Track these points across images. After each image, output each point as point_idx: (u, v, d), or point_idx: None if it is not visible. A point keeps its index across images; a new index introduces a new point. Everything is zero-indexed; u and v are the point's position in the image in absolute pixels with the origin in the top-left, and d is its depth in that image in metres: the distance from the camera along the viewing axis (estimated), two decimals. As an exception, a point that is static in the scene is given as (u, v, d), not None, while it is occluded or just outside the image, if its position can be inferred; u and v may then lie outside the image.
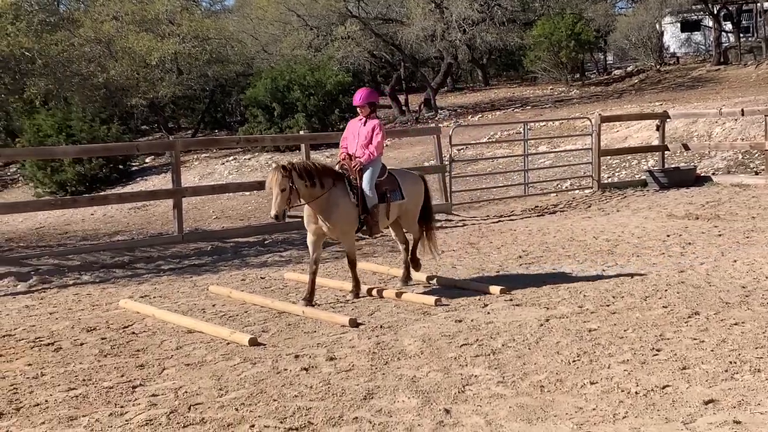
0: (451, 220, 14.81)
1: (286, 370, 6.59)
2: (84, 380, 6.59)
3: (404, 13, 32.76)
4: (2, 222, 18.86)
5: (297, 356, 6.96)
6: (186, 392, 6.16)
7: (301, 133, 20.56)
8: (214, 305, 9.16)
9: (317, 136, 19.97)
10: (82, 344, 7.77)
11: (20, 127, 26.04)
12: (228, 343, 7.48)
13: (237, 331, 7.74)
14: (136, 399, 6.08)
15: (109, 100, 27.44)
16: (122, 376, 6.67)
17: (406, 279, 9.69)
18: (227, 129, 33.66)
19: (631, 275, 9.52)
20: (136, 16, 28.61)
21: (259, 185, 15.96)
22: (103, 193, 21.97)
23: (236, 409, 5.72)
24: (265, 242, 13.30)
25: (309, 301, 8.75)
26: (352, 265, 9.16)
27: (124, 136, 26.02)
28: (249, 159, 26.07)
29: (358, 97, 9.33)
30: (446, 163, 15.75)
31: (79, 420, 5.68)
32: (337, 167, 9.13)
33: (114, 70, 26.06)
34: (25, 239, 16.55)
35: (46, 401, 6.12)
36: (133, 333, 8.12)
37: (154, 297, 9.76)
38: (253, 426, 5.38)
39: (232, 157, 26.27)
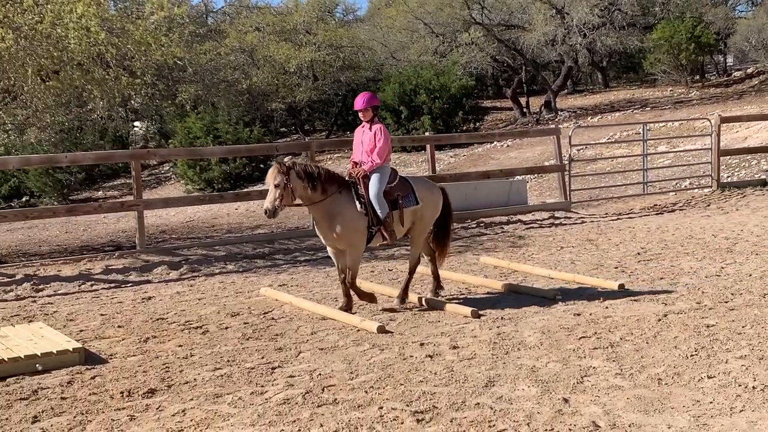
0: (570, 218, 14.57)
1: (411, 356, 6.63)
2: (228, 361, 6.80)
3: (526, 19, 32.36)
4: (157, 215, 19.61)
5: (422, 344, 6.99)
6: (320, 374, 6.27)
7: (427, 134, 20.58)
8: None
9: (442, 137, 19.97)
10: (226, 328, 8.01)
11: (172, 130, 27.00)
12: (358, 330, 7.58)
13: (366, 319, 7.83)
14: (274, 379, 6.23)
15: (251, 104, 28.15)
16: (263, 358, 6.85)
17: (436, 289, 8.79)
18: (358, 131, 34.02)
19: (750, 273, 9.16)
20: (277, 27, 29.24)
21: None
22: (246, 189, 22.54)
23: (366, 392, 5.80)
24: (393, 237, 13.38)
25: (347, 308, 8.24)
26: (352, 281, 8.28)
27: (264, 138, 26.65)
28: (378, 159, 26.25)
29: (360, 101, 8.44)
30: (565, 162, 15.50)
31: (224, 397, 5.86)
32: (346, 176, 8.42)
33: (256, 77, 26.70)
34: (177, 231, 17.18)
35: (195, 379, 6.34)
36: (273, 319, 8.32)
37: (292, 286, 9.97)
38: (381, 408, 5.44)
39: (362, 157, 26.50)
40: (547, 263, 10.47)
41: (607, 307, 7.96)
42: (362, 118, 8.52)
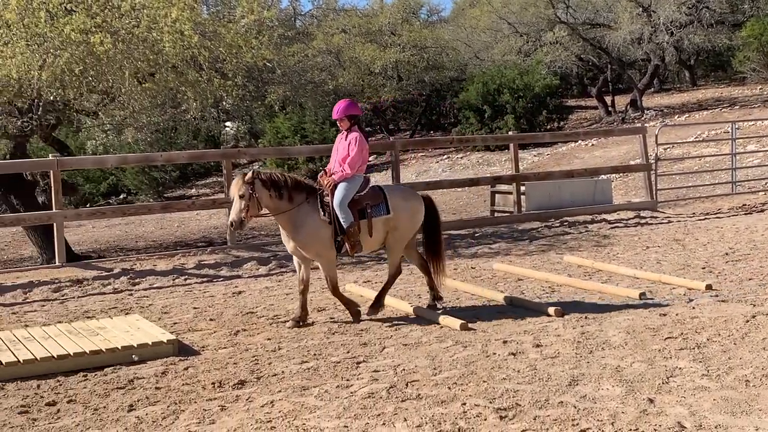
0: (656, 217, 14.26)
1: (494, 354, 6.58)
2: (315, 355, 6.87)
3: (612, 18, 31.74)
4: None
5: (505, 342, 6.94)
6: (404, 370, 6.29)
7: (510, 133, 20.41)
8: (428, 292, 9.26)
9: (525, 137, 19.77)
10: (313, 323, 8.10)
11: (262, 130, 27.43)
12: (441, 327, 7.57)
13: (449, 316, 7.81)
14: (359, 374, 6.27)
15: (337, 104, 28.43)
16: (348, 352, 6.90)
17: (433, 300, 8.39)
18: (441, 130, 33.94)
19: (844, 275, 8.81)
20: (362, 29, 29.39)
21: (471, 182, 16.04)
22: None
23: (449, 388, 5.78)
24: (476, 235, 13.32)
25: (298, 322, 7.96)
26: (334, 290, 8.09)
27: (350, 137, 26.86)
28: (461, 158, 26.19)
29: (336, 110, 8.16)
30: (652, 161, 15.17)
31: (311, 390, 5.92)
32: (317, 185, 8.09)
33: (342, 78, 26.89)
34: (266, 228, 17.42)
35: (283, 372, 6.43)
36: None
37: (376, 282, 10.00)
38: (464, 404, 5.42)
39: (445, 156, 26.49)
40: (633, 263, 10.27)
41: (693, 308, 7.77)
42: (340, 127, 8.25)
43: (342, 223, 7.81)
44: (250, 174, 7.72)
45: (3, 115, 12.62)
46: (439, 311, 8.13)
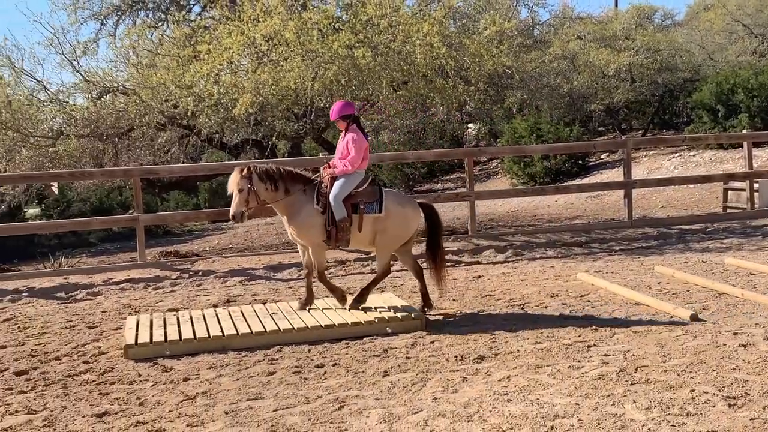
0: None
1: (724, 345, 6.18)
2: (548, 336, 6.80)
3: None
4: (485, 205, 20.02)
5: (735, 333, 6.49)
6: (633, 355, 6.07)
7: (744, 131, 18.94)
8: (659, 283, 8.88)
9: (759, 135, 18.26)
10: (546, 307, 8.01)
11: (501, 130, 27.38)
12: (671, 317, 7.22)
13: (679, 306, 7.43)
14: (590, 356, 6.13)
15: (571, 106, 27.71)
16: (579, 336, 6.76)
17: (423, 307, 7.87)
18: (673, 129, 32.14)
19: None
20: (597, 35, 28.47)
21: (702, 179, 15.11)
22: (565, 183, 22.26)
23: (678, 374, 5.51)
24: (707, 230, 12.53)
25: (305, 304, 7.82)
26: (320, 276, 7.75)
27: (583, 136, 26.12)
28: (693, 155, 24.66)
29: (332, 112, 7.85)
30: None
31: (544, 369, 5.87)
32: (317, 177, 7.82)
33: (576, 81, 26.23)
34: (503, 219, 17.43)
35: (518, 350, 6.42)
36: (589, 301, 8.18)
37: (606, 272, 9.72)
38: (693, 390, 5.14)
39: (677, 154, 25.05)
40: None
41: None
42: (339, 128, 7.98)
43: (335, 215, 7.53)
44: (246, 169, 7.57)
45: (283, 120, 13.52)
46: (669, 303, 7.74)
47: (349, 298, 7.89)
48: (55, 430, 5.09)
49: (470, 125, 31.10)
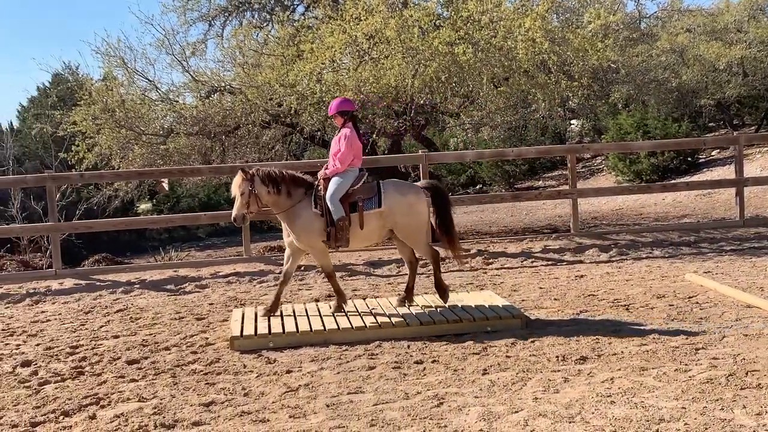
0: None
1: None
2: (654, 338, 6.60)
3: None
4: (589, 203, 19.62)
5: None
6: (744, 359, 5.82)
7: None
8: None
9: None
10: (652, 308, 7.78)
11: (605, 126, 26.74)
12: (786, 321, 6.89)
13: (796, 310, 7.09)
14: (698, 359, 5.92)
15: (680, 101, 26.79)
16: (686, 338, 6.54)
17: (403, 301, 7.88)
18: (790, 124, 30.63)
19: None
20: (707, 27, 27.43)
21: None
22: (672, 181, 21.56)
23: (793, 381, 5.26)
24: (827, 230, 11.90)
25: (270, 311, 7.66)
26: (329, 278, 7.78)
27: (692, 132, 25.22)
28: (812, 152, 23.40)
29: (330, 107, 7.83)
30: None
31: (649, 371, 5.70)
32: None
33: (685, 76, 25.34)
34: (607, 218, 17.04)
35: (622, 352, 6.26)
36: (697, 303, 7.91)
37: (716, 273, 9.37)
38: (810, 399, 4.90)
39: (794, 150, 23.83)
40: None
41: None
42: (335, 124, 7.92)
43: (332, 215, 7.46)
44: (249, 171, 7.55)
45: (383, 116, 13.60)
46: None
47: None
48: (164, 417, 5.30)
49: (573, 121, 30.49)
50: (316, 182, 7.70)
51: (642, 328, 6.99)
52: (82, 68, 28.64)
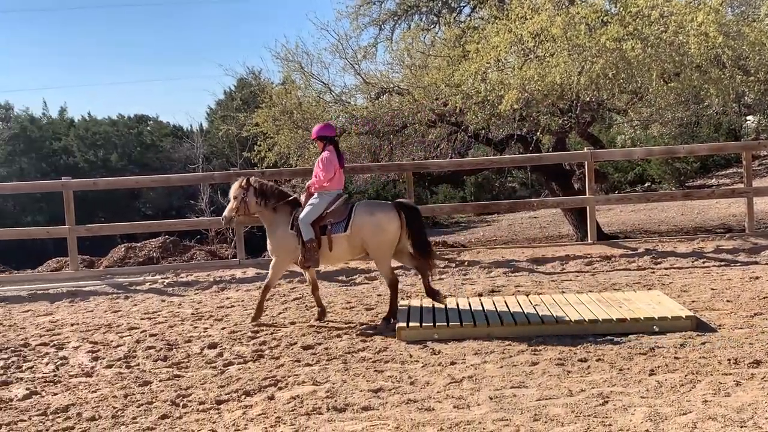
0: None
1: None
2: None
3: None
4: (765, 203, 18.37)
5: None
6: None
7: None
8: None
9: None
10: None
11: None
12: None
13: None
14: None
15: None
16: None
17: (388, 317, 7.71)
18: None
19: None
20: None
21: None
22: None
23: None
24: None
25: (318, 318, 8.11)
26: (265, 289, 8.14)
27: None
28: None
29: (313, 131, 8.14)
30: None
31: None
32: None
33: None
34: (785, 218, 15.87)
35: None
36: None
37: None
38: None
39: None
40: None
41: None
42: (318, 147, 8.17)
43: (302, 236, 7.69)
44: (246, 181, 8.01)
45: (547, 114, 13.37)
46: None
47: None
48: (336, 401, 5.50)
49: (749, 118, 28.59)
50: (301, 206, 7.95)
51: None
52: (264, 73, 30.05)
